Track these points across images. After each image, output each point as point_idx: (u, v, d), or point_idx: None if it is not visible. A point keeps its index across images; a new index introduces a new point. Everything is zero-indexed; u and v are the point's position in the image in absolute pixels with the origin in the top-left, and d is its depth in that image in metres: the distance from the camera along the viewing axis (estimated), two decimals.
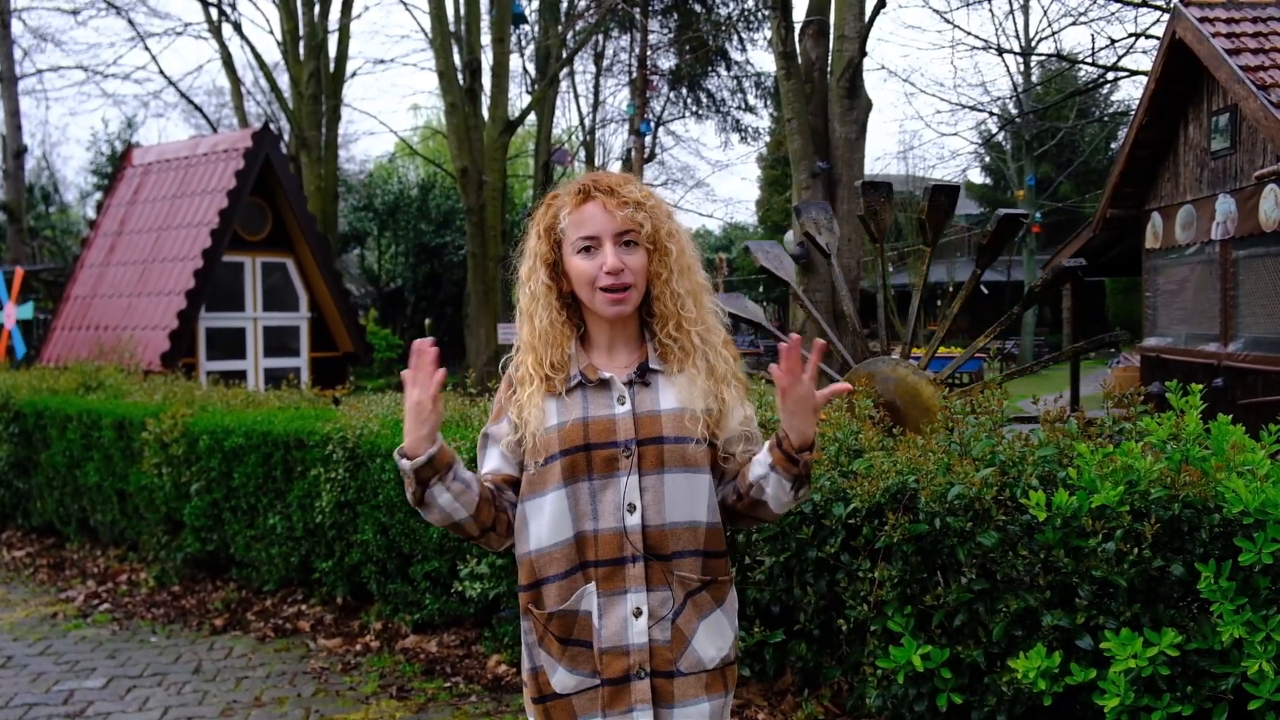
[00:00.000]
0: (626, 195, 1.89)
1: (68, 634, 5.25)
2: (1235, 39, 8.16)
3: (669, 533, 1.87)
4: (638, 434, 1.87)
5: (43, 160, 32.96)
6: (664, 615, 1.87)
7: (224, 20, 21.76)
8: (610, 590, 1.86)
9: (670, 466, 1.86)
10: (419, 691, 4.29)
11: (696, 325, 1.93)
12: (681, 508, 1.87)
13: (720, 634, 1.93)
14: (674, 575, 1.87)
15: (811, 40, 11.21)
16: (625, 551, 1.85)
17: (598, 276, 1.87)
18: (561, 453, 1.87)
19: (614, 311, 1.88)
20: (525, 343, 1.95)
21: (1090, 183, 28.75)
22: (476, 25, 18.58)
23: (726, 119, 26.84)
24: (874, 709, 3.42)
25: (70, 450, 6.56)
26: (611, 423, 1.87)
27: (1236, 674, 2.76)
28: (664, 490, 1.86)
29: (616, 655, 1.85)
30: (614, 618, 1.86)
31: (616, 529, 1.85)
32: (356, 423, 4.95)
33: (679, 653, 1.87)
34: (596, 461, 1.86)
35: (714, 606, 1.92)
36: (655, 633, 1.86)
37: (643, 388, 1.91)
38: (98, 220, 13.31)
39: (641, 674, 1.85)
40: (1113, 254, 11.42)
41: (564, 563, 1.88)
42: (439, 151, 30.87)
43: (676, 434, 1.87)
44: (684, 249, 1.95)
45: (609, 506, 1.86)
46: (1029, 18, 33.40)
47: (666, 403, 1.89)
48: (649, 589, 1.86)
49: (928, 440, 3.53)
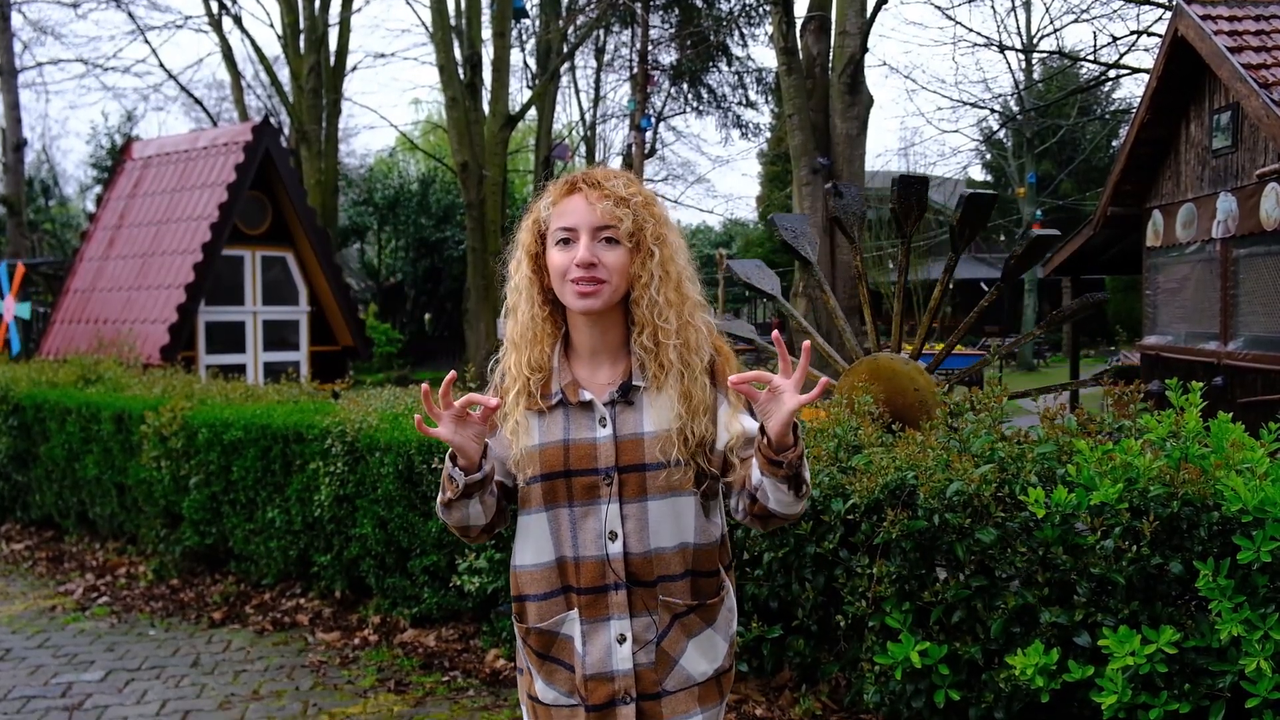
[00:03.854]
0: (610, 189, 1.80)
1: (66, 627, 5.25)
2: (1237, 37, 8.15)
3: (653, 559, 1.82)
4: (618, 460, 1.80)
5: (42, 153, 32.97)
6: (649, 640, 1.83)
7: (224, 14, 21.74)
8: (594, 617, 1.82)
9: (653, 494, 1.80)
10: (417, 685, 4.29)
11: (673, 339, 1.82)
12: (666, 533, 1.82)
13: (713, 648, 1.88)
14: (658, 600, 1.83)
15: (813, 36, 11.19)
16: (608, 579, 1.81)
17: (569, 269, 1.78)
18: (542, 476, 1.82)
19: (581, 305, 1.78)
20: (509, 340, 1.90)
21: (1091, 180, 28.74)
22: (477, 20, 18.57)
23: (727, 115, 26.85)
24: (872, 705, 3.42)
25: (69, 443, 6.56)
26: (592, 448, 1.81)
27: (1234, 672, 2.76)
28: (647, 518, 1.81)
29: (601, 682, 1.82)
30: (598, 644, 1.82)
31: (599, 557, 1.81)
32: (355, 417, 4.95)
33: (664, 673, 1.83)
34: (577, 488, 1.81)
35: (704, 627, 1.87)
36: (640, 657, 1.82)
37: (625, 407, 1.82)
38: (97, 214, 13.30)
39: (627, 699, 1.82)
40: (1113, 252, 11.42)
41: (544, 584, 1.85)
42: (439, 146, 30.86)
43: (658, 459, 1.80)
44: (672, 256, 1.84)
45: (590, 534, 1.81)
46: (1031, 14, 33.40)
47: (649, 424, 1.81)
48: (632, 615, 1.82)
49: (927, 437, 3.53)
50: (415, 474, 4.54)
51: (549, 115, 23.10)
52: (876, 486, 3.30)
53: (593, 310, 1.80)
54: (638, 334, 1.83)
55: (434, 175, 28.21)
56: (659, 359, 1.82)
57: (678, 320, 1.83)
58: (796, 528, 3.47)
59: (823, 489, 3.46)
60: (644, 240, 1.82)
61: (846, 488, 3.40)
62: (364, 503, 4.77)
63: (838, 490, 3.44)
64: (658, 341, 1.82)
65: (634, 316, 1.84)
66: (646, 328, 1.82)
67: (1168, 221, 9.56)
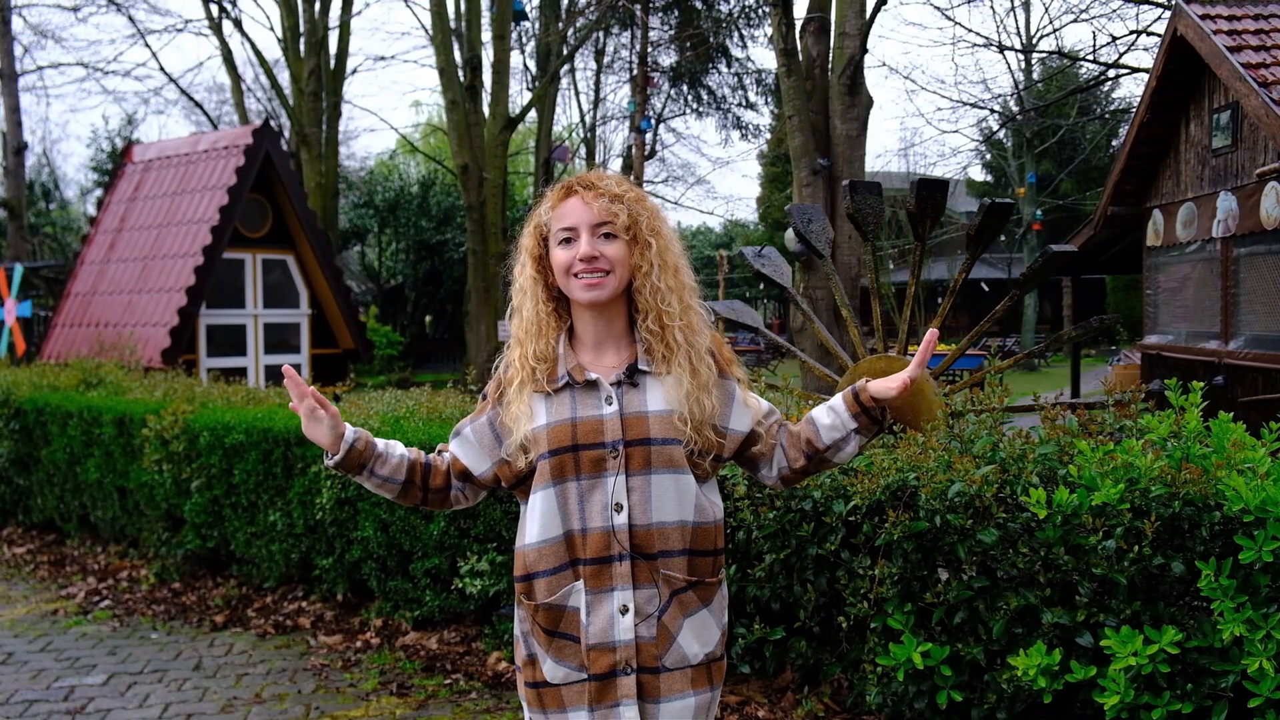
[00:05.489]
0: (604, 188, 1.92)
1: (68, 630, 5.25)
2: (1237, 36, 8.15)
3: (655, 532, 1.89)
4: (625, 435, 1.89)
5: (43, 157, 33.00)
6: (650, 613, 1.90)
7: (224, 17, 21.76)
8: (598, 588, 1.89)
9: (657, 467, 1.89)
10: (419, 688, 4.29)
11: (678, 321, 1.93)
12: (668, 508, 1.90)
13: (705, 631, 1.96)
14: (660, 574, 1.90)
15: (812, 37, 11.19)
16: (613, 550, 1.89)
17: (572, 264, 1.89)
18: (550, 453, 1.91)
19: (588, 296, 1.90)
20: (514, 337, 2.01)
21: (1091, 180, 28.73)
22: (477, 22, 18.57)
23: (727, 116, 26.84)
24: (874, 706, 3.42)
25: (71, 447, 6.57)
26: (599, 423, 1.90)
27: (1236, 672, 2.76)
28: (650, 490, 1.89)
29: (603, 651, 1.89)
30: (601, 615, 1.89)
31: (605, 528, 1.89)
32: (357, 419, 4.95)
33: (664, 649, 1.91)
34: (584, 462, 1.90)
35: (700, 606, 1.95)
36: (642, 629, 1.89)
37: (631, 388, 1.92)
38: (98, 217, 13.30)
39: (628, 669, 1.89)
40: (1113, 251, 11.42)
41: (553, 559, 1.93)
42: (440, 148, 30.87)
43: (663, 435, 1.89)
44: (668, 246, 1.96)
45: (596, 506, 1.89)
46: (1030, 15, 33.38)
47: (654, 404, 1.91)
48: (635, 587, 1.89)
49: (928, 437, 3.53)
50: None
51: (549, 117, 23.10)
52: (878, 488, 3.30)
53: (599, 301, 1.91)
54: (642, 320, 1.95)
55: (434, 177, 28.22)
56: (665, 340, 1.93)
57: (680, 304, 1.95)
58: (798, 529, 3.47)
59: (824, 490, 3.46)
60: (640, 232, 1.93)
61: (848, 489, 3.40)
62: (365, 505, 4.77)
63: (839, 491, 3.44)
64: (663, 325, 1.94)
65: (637, 305, 1.96)
66: (650, 313, 1.94)
67: (1168, 221, 9.56)
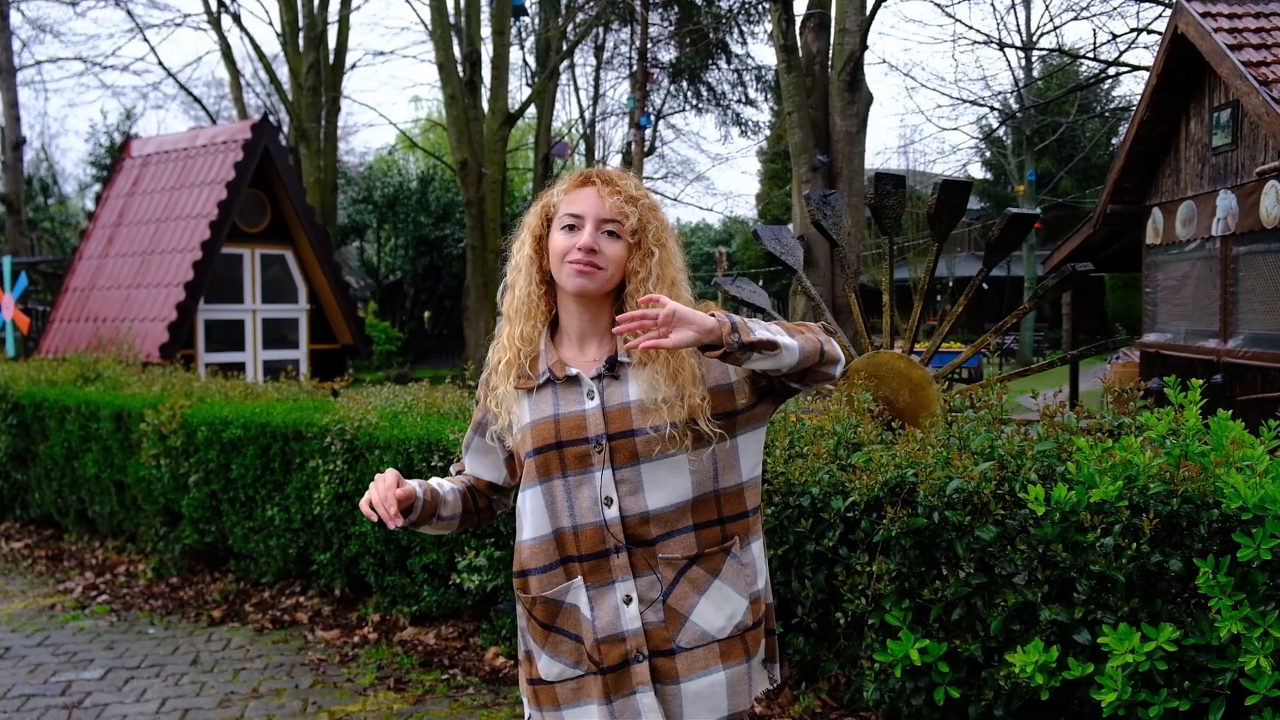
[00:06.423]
0: (622, 187, 1.90)
1: (66, 625, 5.25)
2: (1237, 34, 8.15)
3: (651, 519, 1.87)
4: (608, 429, 1.86)
5: (41, 152, 32.92)
6: (654, 599, 1.88)
7: (223, 11, 21.71)
8: (599, 583, 1.88)
9: (644, 457, 1.86)
10: (417, 683, 4.29)
11: None
12: (663, 493, 1.87)
13: (727, 601, 1.91)
14: (658, 559, 1.88)
15: (812, 34, 11.18)
16: (608, 544, 1.87)
17: (570, 251, 1.87)
18: (534, 450, 1.90)
19: (576, 284, 1.87)
20: (505, 314, 2.00)
21: (1091, 178, 28.73)
22: (476, 17, 18.56)
23: (727, 112, 26.78)
24: (871, 702, 3.42)
25: (68, 441, 6.56)
26: (581, 418, 1.88)
27: (1234, 669, 2.76)
28: (642, 480, 1.86)
29: (613, 643, 1.87)
30: (606, 608, 1.87)
31: (596, 523, 1.87)
32: (355, 415, 4.94)
33: (676, 630, 1.88)
34: (569, 458, 1.88)
35: (710, 579, 1.90)
36: (648, 616, 1.87)
37: (612, 381, 1.89)
38: (96, 212, 13.28)
39: (639, 657, 1.87)
40: (1113, 249, 11.42)
41: (544, 557, 1.91)
42: (439, 144, 30.82)
43: (648, 424, 1.86)
44: (670, 260, 1.93)
45: (586, 502, 1.87)
46: (1030, 12, 33.29)
47: (635, 394, 1.87)
48: (635, 575, 1.87)
49: (927, 434, 3.53)
50: (415, 472, 4.54)
51: (548, 113, 23.09)
52: (876, 484, 3.30)
53: (586, 291, 1.89)
54: None
55: (433, 173, 28.17)
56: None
57: None
58: (796, 525, 3.47)
59: (822, 486, 3.46)
60: (645, 240, 1.91)
61: (846, 485, 3.40)
62: None
63: (837, 488, 3.44)
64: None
65: (626, 307, 1.91)
66: None
67: (1167, 219, 9.56)
